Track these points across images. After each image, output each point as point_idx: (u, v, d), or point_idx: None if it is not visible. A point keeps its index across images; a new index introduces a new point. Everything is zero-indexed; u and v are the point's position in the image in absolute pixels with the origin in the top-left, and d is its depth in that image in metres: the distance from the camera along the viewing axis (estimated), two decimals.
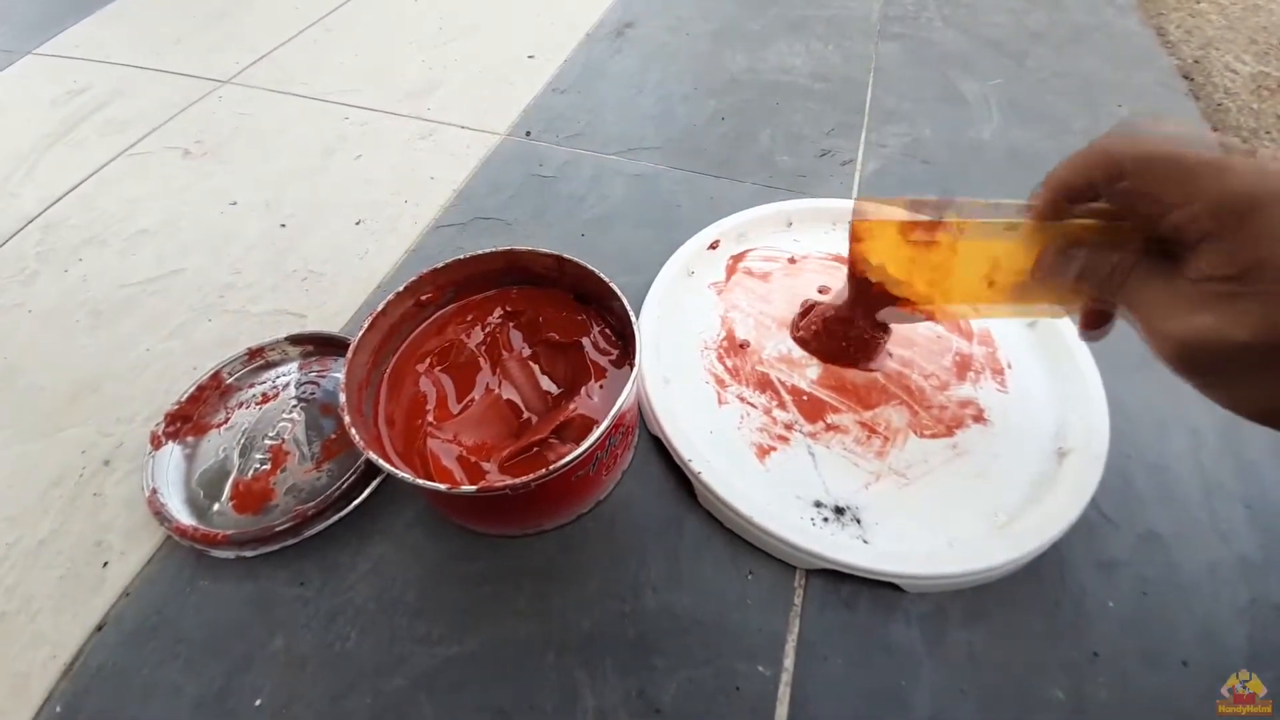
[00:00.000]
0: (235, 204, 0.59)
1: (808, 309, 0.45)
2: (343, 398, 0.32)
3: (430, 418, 0.36)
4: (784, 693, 0.32)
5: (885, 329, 0.43)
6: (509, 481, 0.30)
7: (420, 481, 0.30)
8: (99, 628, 0.35)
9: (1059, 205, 0.27)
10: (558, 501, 0.36)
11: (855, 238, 0.34)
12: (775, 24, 0.79)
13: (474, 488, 0.30)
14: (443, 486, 0.30)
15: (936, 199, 0.31)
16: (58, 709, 0.32)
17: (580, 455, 0.30)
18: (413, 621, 0.34)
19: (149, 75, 0.75)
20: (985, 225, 0.30)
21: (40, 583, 0.37)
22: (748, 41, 0.76)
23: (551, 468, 0.30)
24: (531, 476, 0.30)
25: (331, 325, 0.48)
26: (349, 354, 0.34)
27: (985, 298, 0.33)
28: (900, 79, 0.71)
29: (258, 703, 0.32)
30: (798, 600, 0.35)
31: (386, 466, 0.30)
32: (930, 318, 0.37)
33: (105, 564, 0.37)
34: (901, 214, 0.33)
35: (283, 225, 0.57)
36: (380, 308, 0.36)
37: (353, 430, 0.31)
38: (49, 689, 0.33)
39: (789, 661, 0.33)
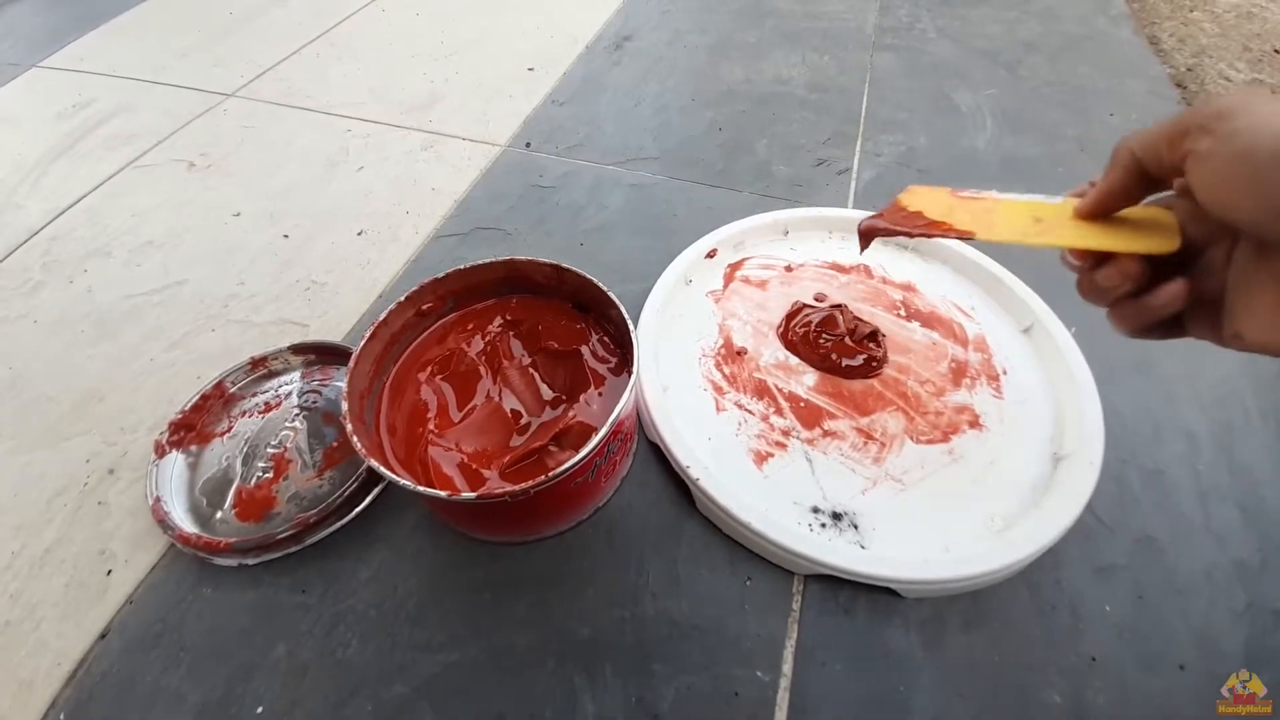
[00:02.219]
0: (239, 215, 0.59)
1: (795, 310, 0.45)
2: (345, 406, 0.33)
3: (431, 425, 0.37)
4: (783, 698, 0.32)
5: (882, 351, 0.43)
6: (509, 488, 0.30)
7: (421, 488, 0.30)
8: (103, 635, 0.35)
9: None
10: (557, 508, 0.36)
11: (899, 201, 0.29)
12: (771, 36, 0.80)
13: (474, 494, 0.30)
14: (443, 493, 0.30)
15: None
16: (61, 716, 0.33)
17: (579, 462, 0.31)
18: (413, 628, 0.35)
19: (154, 89, 0.76)
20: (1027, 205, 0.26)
21: (45, 590, 0.37)
22: (744, 53, 0.77)
23: (551, 474, 0.30)
24: (531, 483, 0.30)
25: (334, 334, 0.49)
26: (351, 363, 0.34)
27: (1033, 235, 0.27)
28: (895, 89, 0.71)
29: (259, 710, 0.32)
30: (796, 606, 0.35)
31: (388, 474, 0.30)
32: (969, 237, 0.32)
33: (109, 572, 0.37)
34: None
35: (286, 236, 0.57)
36: (382, 317, 0.37)
37: (354, 438, 0.31)
38: (53, 696, 0.33)
39: (788, 667, 0.33)
